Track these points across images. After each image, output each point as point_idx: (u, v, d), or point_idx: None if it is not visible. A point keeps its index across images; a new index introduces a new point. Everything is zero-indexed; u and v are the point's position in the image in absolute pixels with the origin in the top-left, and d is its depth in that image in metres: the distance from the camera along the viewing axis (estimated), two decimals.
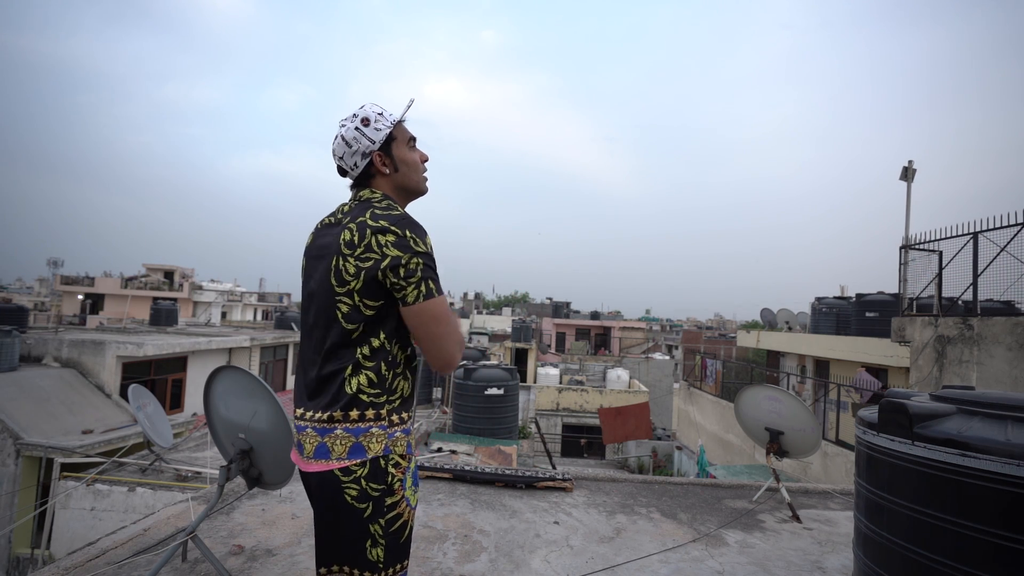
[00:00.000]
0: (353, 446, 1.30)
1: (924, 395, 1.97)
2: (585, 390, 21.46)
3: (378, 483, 1.31)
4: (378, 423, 1.33)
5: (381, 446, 1.32)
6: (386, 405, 1.35)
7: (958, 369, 6.32)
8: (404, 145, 1.49)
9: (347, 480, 1.30)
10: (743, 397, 4.28)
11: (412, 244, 1.32)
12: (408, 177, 1.50)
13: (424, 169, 1.54)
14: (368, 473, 1.30)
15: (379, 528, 1.31)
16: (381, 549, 1.31)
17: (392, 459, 1.34)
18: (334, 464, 1.30)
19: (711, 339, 35.55)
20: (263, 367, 18.30)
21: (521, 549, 2.94)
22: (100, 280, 34.39)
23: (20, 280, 66.77)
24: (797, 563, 2.93)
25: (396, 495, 1.34)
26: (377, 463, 1.32)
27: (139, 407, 6.38)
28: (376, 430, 1.32)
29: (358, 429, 1.31)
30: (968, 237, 6.63)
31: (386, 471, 1.32)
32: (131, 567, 2.50)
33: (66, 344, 12.38)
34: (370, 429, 1.32)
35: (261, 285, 52.72)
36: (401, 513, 1.35)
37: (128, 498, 7.19)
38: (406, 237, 1.33)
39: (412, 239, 1.33)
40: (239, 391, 2.52)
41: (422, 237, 1.35)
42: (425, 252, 1.34)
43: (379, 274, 1.31)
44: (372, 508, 1.30)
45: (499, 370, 10.25)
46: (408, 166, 1.49)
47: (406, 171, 1.49)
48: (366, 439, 1.31)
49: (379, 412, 1.33)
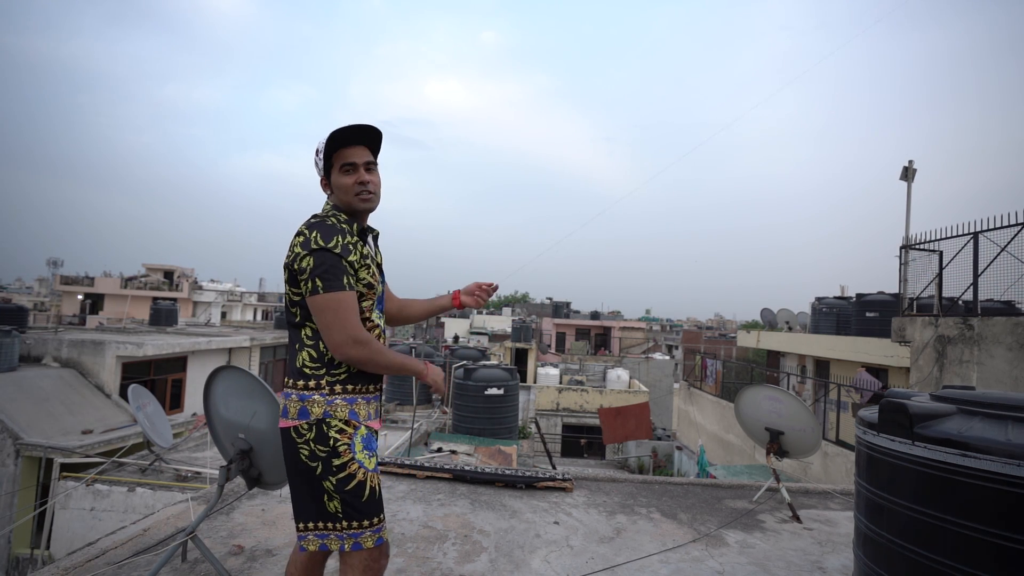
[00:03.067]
0: (300, 409, 1.57)
1: (924, 395, 1.97)
2: (585, 390, 21.46)
3: (324, 446, 1.55)
4: (319, 391, 1.58)
5: (321, 410, 1.56)
6: (326, 377, 1.60)
7: (958, 369, 6.32)
8: (337, 171, 1.71)
9: (300, 442, 1.56)
10: (743, 397, 4.28)
11: (312, 243, 1.55)
12: (340, 199, 1.72)
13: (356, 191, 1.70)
14: (315, 437, 1.55)
15: (331, 484, 1.55)
16: (337, 502, 1.55)
17: (335, 424, 1.57)
18: (290, 423, 1.58)
19: (711, 339, 35.57)
20: (263, 367, 18.29)
21: (521, 549, 2.94)
22: (100, 280, 34.36)
23: (20, 280, 66.76)
24: (797, 563, 2.93)
25: (343, 457, 1.56)
26: (321, 427, 1.56)
27: (139, 407, 6.38)
28: (317, 397, 1.58)
29: (303, 395, 1.58)
30: (968, 237, 6.63)
31: (328, 435, 1.56)
32: (131, 567, 2.49)
33: (66, 344, 12.37)
34: (312, 396, 1.58)
35: (261, 285, 52.72)
36: (353, 474, 1.57)
37: (128, 498, 7.18)
38: (309, 237, 1.56)
39: (314, 239, 1.56)
40: (239, 391, 2.52)
41: (328, 237, 1.57)
42: (320, 249, 1.55)
43: (294, 269, 1.58)
44: (322, 467, 1.55)
45: (499, 370, 10.26)
46: (339, 189, 1.71)
47: (339, 194, 1.72)
48: (310, 404, 1.57)
49: (319, 383, 1.59)
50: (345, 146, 1.70)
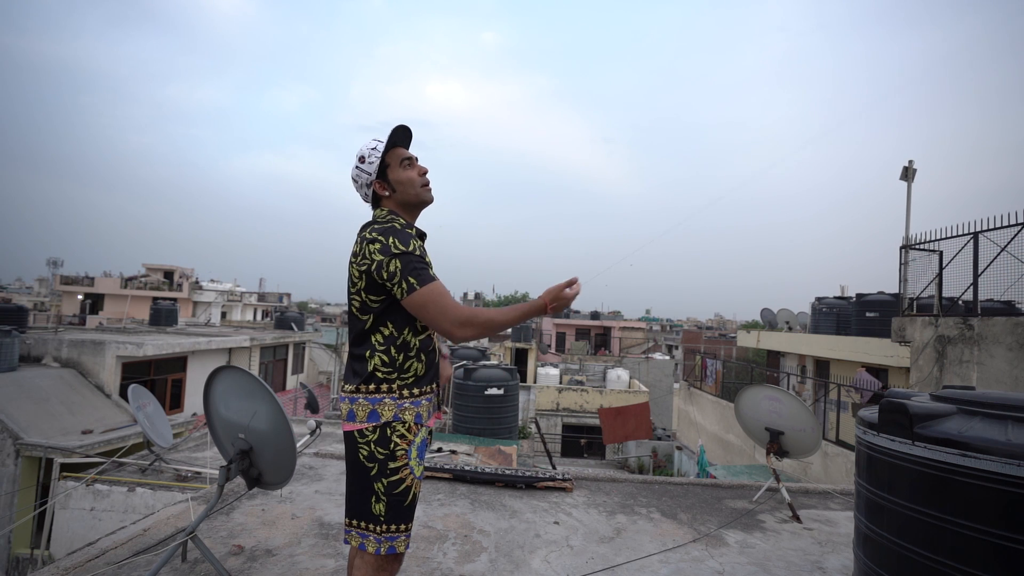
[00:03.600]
0: (371, 412, 1.62)
1: (924, 395, 1.97)
2: (585, 390, 21.45)
3: (383, 448, 1.61)
4: (390, 395, 1.64)
5: (391, 413, 1.63)
6: (397, 381, 1.65)
7: (958, 369, 6.32)
8: (398, 168, 1.76)
9: (361, 442, 1.62)
10: (743, 397, 4.28)
11: (392, 248, 1.60)
12: (406, 193, 1.77)
13: (422, 182, 1.79)
14: (377, 439, 1.61)
15: (382, 486, 1.60)
16: (383, 505, 1.60)
17: (398, 430, 1.62)
18: (357, 425, 1.63)
19: (711, 339, 35.57)
20: (263, 367, 18.30)
21: (521, 549, 2.94)
22: (100, 280, 34.35)
23: (20, 280, 66.75)
24: (797, 563, 2.93)
25: (399, 461, 1.62)
26: (384, 431, 1.61)
27: (139, 407, 6.37)
28: (388, 400, 1.63)
29: (374, 399, 1.63)
30: (968, 237, 6.62)
31: (390, 439, 1.61)
32: (131, 567, 2.49)
33: (66, 344, 12.37)
34: (383, 400, 1.63)
35: (261, 285, 52.71)
36: (403, 478, 1.62)
37: (128, 498, 7.18)
38: (388, 244, 1.62)
39: (393, 244, 1.61)
40: (239, 391, 2.52)
41: (404, 241, 1.63)
42: (403, 253, 1.60)
43: (375, 276, 1.61)
44: (377, 468, 1.60)
45: (499, 370, 10.25)
46: (403, 184, 1.76)
47: (403, 190, 1.77)
48: (380, 407, 1.63)
49: (391, 386, 1.64)
50: (395, 145, 1.77)
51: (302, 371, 21.94)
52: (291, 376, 20.62)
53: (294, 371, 21.05)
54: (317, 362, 23.91)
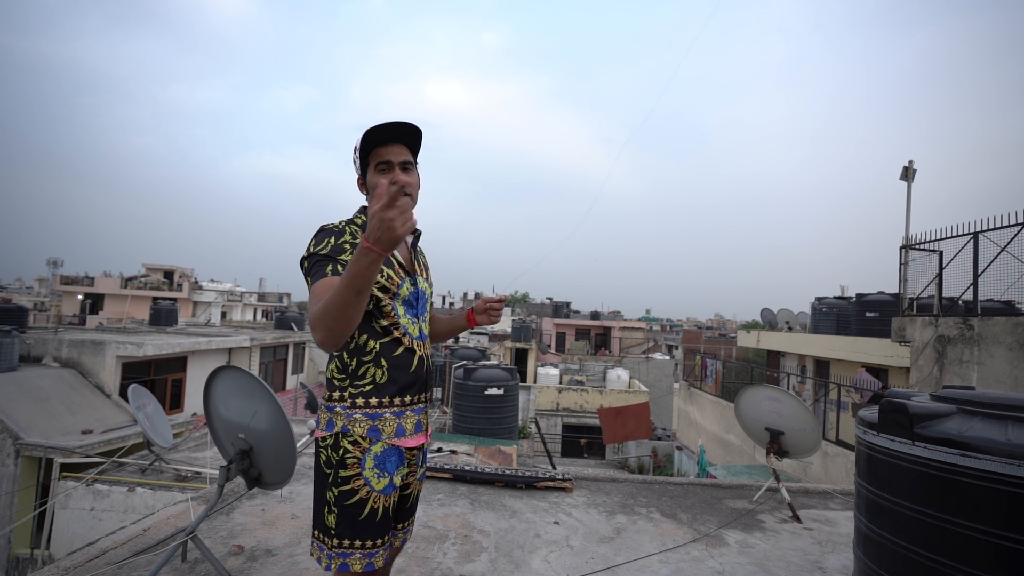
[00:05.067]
0: (328, 420, 1.53)
1: (924, 395, 1.97)
2: (585, 390, 21.45)
3: (336, 454, 1.50)
4: (341, 403, 1.52)
5: (341, 424, 1.51)
6: (350, 388, 1.52)
7: (958, 369, 6.32)
8: (372, 170, 1.61)
9: (321, 446, 1.53)
10: (743, 397, 4.28)
11: (307, 250, 1.51)
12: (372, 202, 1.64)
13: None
14: (332, 444, 1.50)
15: (332, 495, 1.49)
16: (333, 517, 1.49)
17: (351, 437, 1.50)
18: (319, 433, 1.54)
19: (711, 339, 35.56)
20: (263, 367, 18.30)
21: (521, 549, 2.94)
22: (100, 280, 34.36)
23: (20, 280, 66.74)
24: (797, 563, 2.93)
25: (350, 470, 1.48)
26: (338, 437, 1.50)
27: (139, 407, 6.37)
28: (339, 409, 1.52)
29: (329, 407, 1.54)
30: (968, 237, 6.63)
31: (340, 446, 1.49)
32: (131, 567, 2.49)
33: (66, 344, 12.37)
34: (335, 408, 1.52)
35: (261, 285, 52.71)
36: (355, 489, 1.48)
37: (128, 498, 7.18)
38: (308, 245, 1.53)
39: (310, 245, 1.52)
40: (239, 391, 2.52)
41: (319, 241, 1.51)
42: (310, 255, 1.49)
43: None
44: (331, 476, 1.49)
45: (499, 370, 10.24)
46: (371, 189, 1.61)
47: (371, 192, 1.63)
48: (334, 416, 1.52)
49: (343, 394, 1.53)
50: (382, 144, 1.59)
51: (302, 371, 21.95)
52: (291, 376, 20.62)
53: (294, 371, 21.06)
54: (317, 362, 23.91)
